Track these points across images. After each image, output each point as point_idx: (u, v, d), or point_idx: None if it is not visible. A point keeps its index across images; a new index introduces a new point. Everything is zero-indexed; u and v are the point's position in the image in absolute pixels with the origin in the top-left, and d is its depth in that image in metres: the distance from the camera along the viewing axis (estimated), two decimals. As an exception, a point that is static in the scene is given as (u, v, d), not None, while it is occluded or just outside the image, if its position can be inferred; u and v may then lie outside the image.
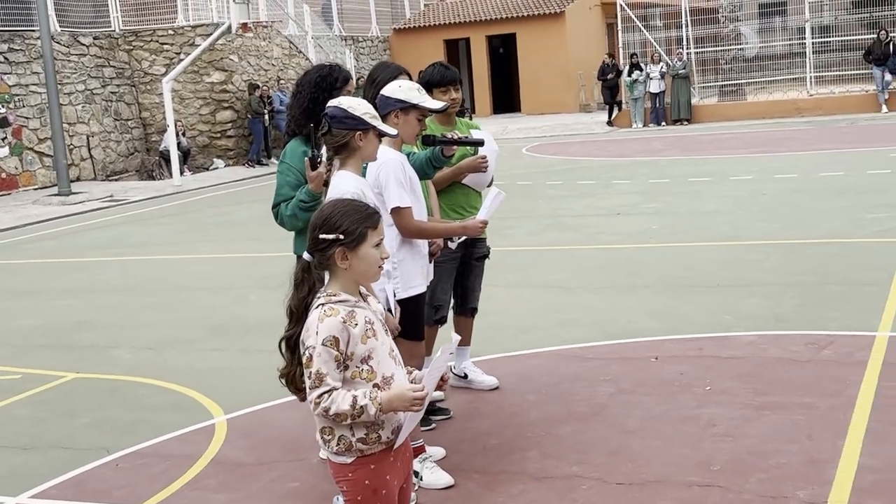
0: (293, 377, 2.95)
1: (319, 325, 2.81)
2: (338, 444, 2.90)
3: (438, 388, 3.09)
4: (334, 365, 2.81)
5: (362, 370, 2.86)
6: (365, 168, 4.16)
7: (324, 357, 2.80)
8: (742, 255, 8.88)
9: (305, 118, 4.59)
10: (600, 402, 5.30)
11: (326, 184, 3.93)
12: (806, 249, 8.87)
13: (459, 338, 3.24)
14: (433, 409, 5.31)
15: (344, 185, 3.74)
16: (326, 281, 2.98)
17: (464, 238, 4.93)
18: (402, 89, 4.37)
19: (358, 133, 3.81)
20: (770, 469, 4.27)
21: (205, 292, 9.31)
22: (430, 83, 5.25)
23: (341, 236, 2.88)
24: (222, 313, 8.37)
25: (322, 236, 2.90)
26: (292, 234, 4.68)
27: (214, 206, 16.38)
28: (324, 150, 4.08)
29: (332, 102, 3.91)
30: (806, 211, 10.88)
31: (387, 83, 4.55)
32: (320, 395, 2.80)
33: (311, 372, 2.81)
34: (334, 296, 2.89)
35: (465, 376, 5.77)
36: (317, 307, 2.88)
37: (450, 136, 4.78)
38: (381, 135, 3.89)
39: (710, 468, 4.33)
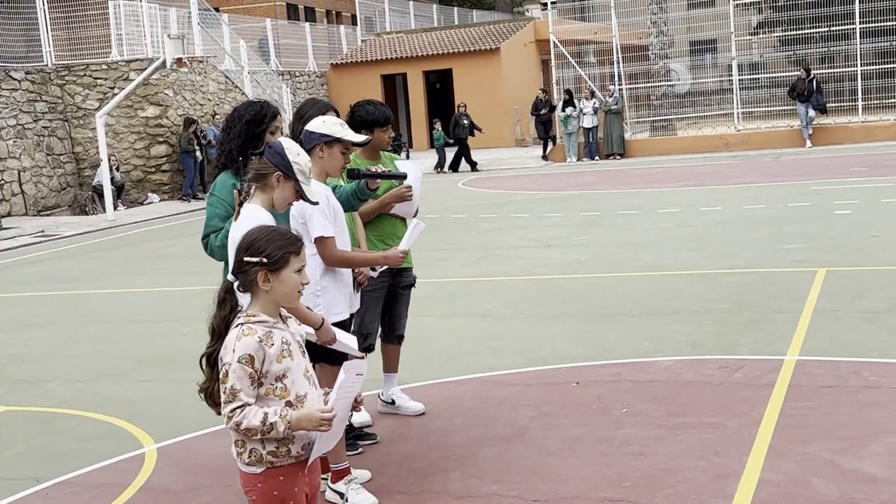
0: (212, 392, 3.10)
1: (236, 344, 2.98)
2: (249, 456, 3.06)
3: (354, 408, 3.25)
4: (248, 382, 2.97)
5: (276, 388, 3.02)
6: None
7: (238, 374, 2.96)
8: (664, 285, 9.18)
9: (238, 152, 4.75)
10: (522, 425, 5.50)
11: (241, 204, 4.04)
12: (725, 278, 9.21)
13: (365, 362, 3.41)
14: (361, 435, 5.46)
15: (252, 216, 3.82)
16: (248, 302, 3.15)
17: (385, 266, 5.11)
18: (325, 124, 4.55)
19: (277, 174, 3.92)
20: (678, 484, 4.50)
21: (137, 325, 9.34)
22: (374, 122, 5.45)
23: (264, 259, 3.05)
24: (155, 345, 8.42)
25: (246, 259, 3.08)
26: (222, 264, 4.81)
27: (148, 241, 16.34)
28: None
29: (281, 140, 4.07)
30: (728, 242, 11.25)
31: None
32: (233, 410, 2.96)
33: (226, 387, 2.98)
34: (254, 316, 3.06)
35: (393, 402, 5.92)
36: (236, 326, 3.04)
37: (374, 170, 4.98)
38: (300, 194, 3.95)
39: (622, 484, 4.54)
